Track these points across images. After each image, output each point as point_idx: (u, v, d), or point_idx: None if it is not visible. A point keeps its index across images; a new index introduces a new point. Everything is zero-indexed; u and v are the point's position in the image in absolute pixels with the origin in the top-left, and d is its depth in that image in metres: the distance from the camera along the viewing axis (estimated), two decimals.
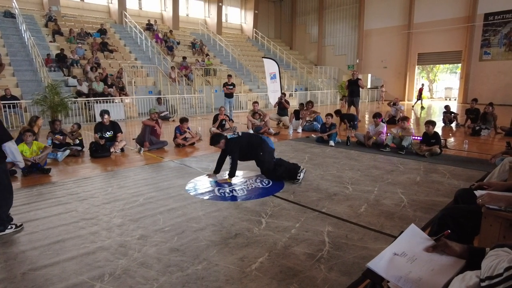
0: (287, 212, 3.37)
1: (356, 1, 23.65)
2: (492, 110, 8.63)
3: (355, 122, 9.24)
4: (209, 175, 4.73)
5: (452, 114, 10.12)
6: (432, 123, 6.18)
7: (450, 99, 23.64)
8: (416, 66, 22.18)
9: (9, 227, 2.99)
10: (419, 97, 17.92)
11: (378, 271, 1.19)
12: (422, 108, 16.95)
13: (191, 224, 3.10)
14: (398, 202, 3.62)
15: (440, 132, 7.49)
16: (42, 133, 6.47)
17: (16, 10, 14.98)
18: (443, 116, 10.21)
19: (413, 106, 17.56)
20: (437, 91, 28.73)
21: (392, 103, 10.99)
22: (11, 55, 13.17)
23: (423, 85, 19.82)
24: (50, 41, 14.94)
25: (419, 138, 6.44)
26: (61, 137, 6.37)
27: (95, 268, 2.38)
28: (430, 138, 6.07)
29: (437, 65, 26.23)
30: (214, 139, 4.57)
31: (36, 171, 5.03)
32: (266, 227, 3.02)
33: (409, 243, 1.33)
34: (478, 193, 1.97)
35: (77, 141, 6.61)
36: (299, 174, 4.43)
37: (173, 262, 2.45)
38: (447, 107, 10.31)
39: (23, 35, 14.17)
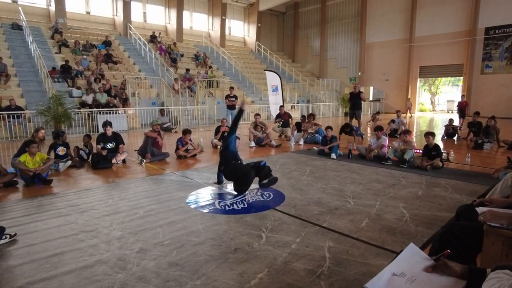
0: (287, 227, 3.34)
1: (357, 14, 23.94)
2: (494, 123, 8.62)
3: (358, 132, 9.28)
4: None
5: (452, 127, 10.15)
6: (432, 134, 6.20)
7: (452, 112, 23.55)
8: (418, 79, 22.28)
9: (3, 237, 2.96)
10: (462, 113, 14.58)
11: None
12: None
13: (191, 238, 3.08)
14: (400, 217, 3.59)
15: (441, 145, 7.47)
16: (46, 143, 6.48)
17: (23, 22, 15.26)
18: (445, 128, 10.27)
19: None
20: (439, 104, 28.75)
21: (396, 116, 11.08)
22: (17, 66, 13.36)
23: (463, 96, 16.54)
24: (56, 53, 15.17)
25: (420, 151, 6.43)
26: (64, 149, 6.38)
27: (93, 282, 2.36)
28: (431, 150, 6.06)
29: (439, 78, 26.31)
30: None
31: (38, 182, 5.04)
32: (266, 242, 2.99)
33: (408, 262, 1.31)
34: (479, 209, 1.94)
35: (87, 150, 6.67)
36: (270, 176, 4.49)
37: (171, 276, 2.42)
38: (450, 120, 10.37)
39: (30, 46, 14.41)
